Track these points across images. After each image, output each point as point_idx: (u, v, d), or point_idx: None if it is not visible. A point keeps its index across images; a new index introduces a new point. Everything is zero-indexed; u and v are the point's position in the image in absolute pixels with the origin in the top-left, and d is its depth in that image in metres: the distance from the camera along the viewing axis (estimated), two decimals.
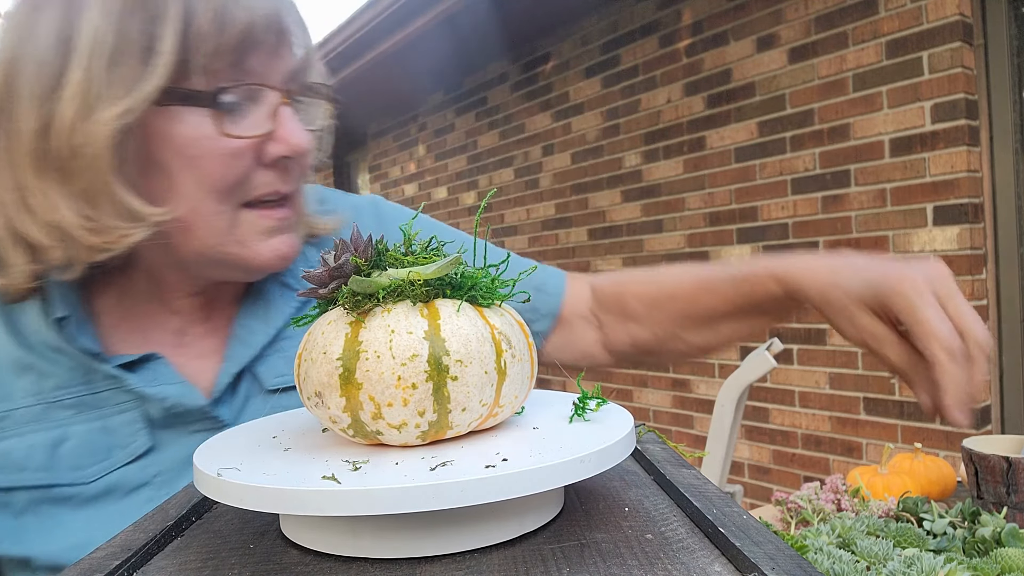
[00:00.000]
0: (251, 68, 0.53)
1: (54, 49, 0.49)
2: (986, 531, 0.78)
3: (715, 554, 0.32)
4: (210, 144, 0.52)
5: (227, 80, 0.52)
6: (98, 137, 0.49)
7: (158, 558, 0.35)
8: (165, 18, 0.49)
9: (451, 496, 0.29)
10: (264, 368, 0.63)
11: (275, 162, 0.56)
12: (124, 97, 0.49)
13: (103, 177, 0.50)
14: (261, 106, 0.54)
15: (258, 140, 0.54)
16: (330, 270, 0.38)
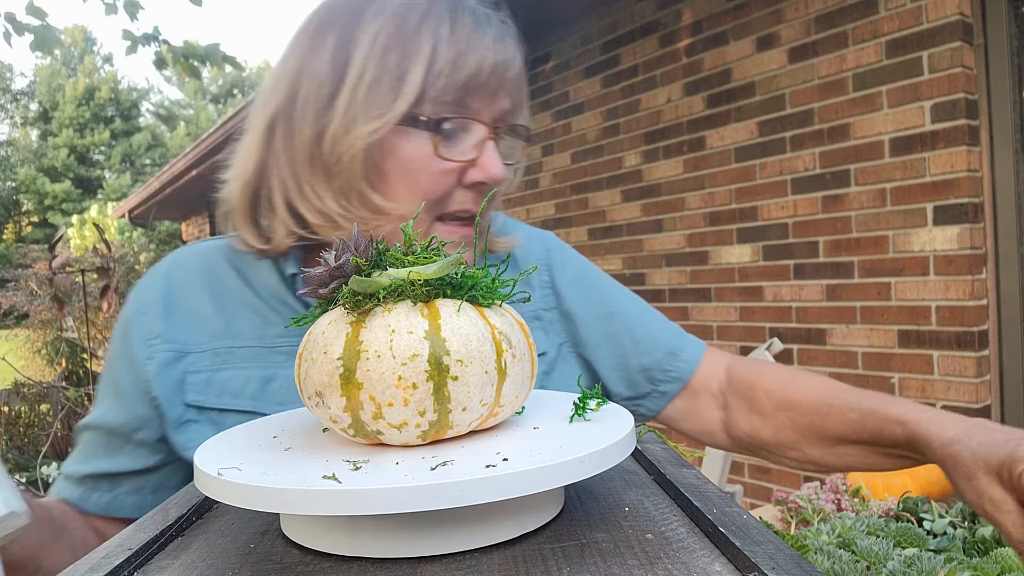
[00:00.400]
0: (470, 104, 0.63)
1: (331, 73, 0.61)
2: (986, 531, 0.78)
3: (715, 554, 0.32)
4: (426, 162, 0.62)
5: (449, 112, 0.62)
6: (354, 148, 0.60)
7: (159, 558, 0.35)
8: (416, 57, 0.60)
9: (451, 496, 0.29)
10: None
11: (473, 185, 0.65)
12: (377, 119, 0.60)
13: (355, 179, 0.62)
14: (471, 137, 0.64)
15: (464, 165, 0.64)
16: (331, 270, 0.38)
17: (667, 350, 0.79)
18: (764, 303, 2.75)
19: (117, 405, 0.68)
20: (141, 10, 3.23)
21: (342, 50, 0.61)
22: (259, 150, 0.66)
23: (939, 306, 2.25)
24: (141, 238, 11.42)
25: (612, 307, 0.80)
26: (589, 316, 0.79)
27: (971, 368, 2.18)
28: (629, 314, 0.80)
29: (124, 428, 0.67)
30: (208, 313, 0.68)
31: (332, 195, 0.63)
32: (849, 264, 2.47)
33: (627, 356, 0.78)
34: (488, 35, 0.63)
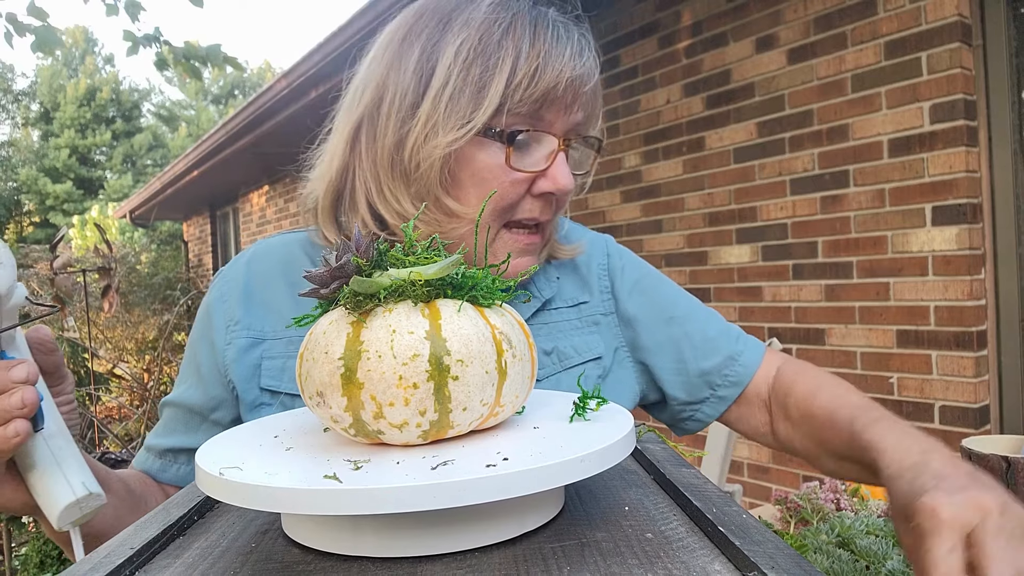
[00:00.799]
0: (544, 116, 0.64)
1: (415, 82, 0.63)
2: None
3: (715, 553, 0.32)
4: (498, 172, 0.64)
5: (524, 124, 0.64)
6: (432, 157, 0.62)
7: (160, 557, 0.35)
8: (498, 70, 0.62)
9: (452, 495, 0.29)
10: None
11: (542, 195, 0.67)
12: (457, 128, 0.62)
13: (431, 185, 0.64)
14: (543, 148, 0.66)
15: (534, 175, 0.65)
16: (332, 270, 0.38)
17: (727, 354, 0.79)
18: (763, 303, 2.75)
19: (197, 385, 0.72)
20: (142, 11, 3.23)
21: (427, 60, 0.63)
22: (344, 152, 0.68)
23: (938, 306, 2.25)
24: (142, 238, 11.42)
25: (672, 311, 0.80)
26: (649, 320, 0.80)
27: (970, 368, 2.18)
28: (689, 318, 0.80)
29: (203, 407, 0.71)
30: (284, 303, 0.71)
31: (410, 199, 0.65)
32: (848, 264, 2.47)
33: (687, 360, 0.78)
34: (567, 49, 0.64)
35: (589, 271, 0.81)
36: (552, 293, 0.77)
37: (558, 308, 0.78)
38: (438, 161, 0.63)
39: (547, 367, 0.74)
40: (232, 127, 5.54)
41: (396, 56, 0.65)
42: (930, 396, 2.28)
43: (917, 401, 2.32)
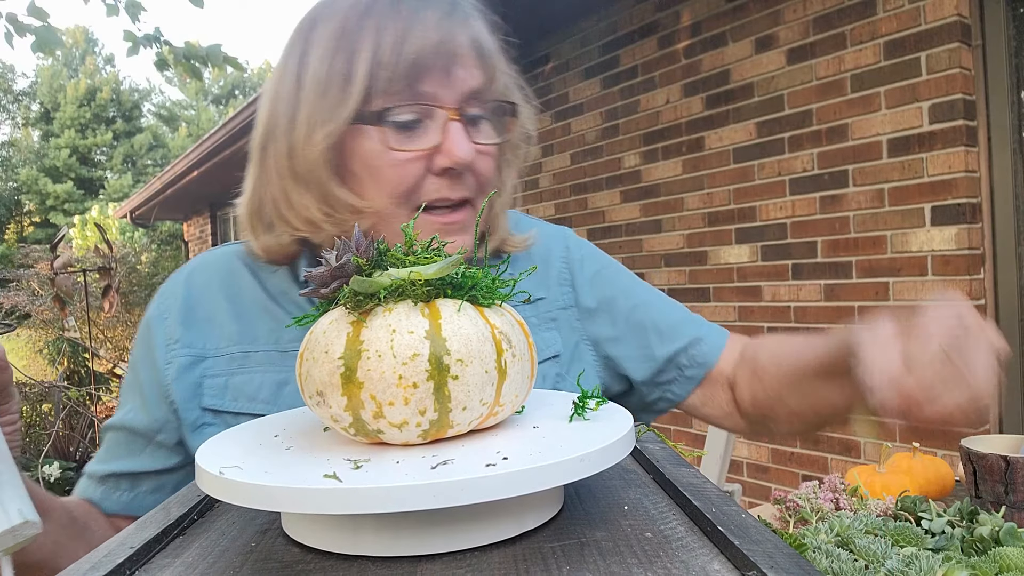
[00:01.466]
0: (423, 89, 0.61)
1: (294, 87, 0.63)
2: (984, 530, 0.78)
3: (714, 552, 0.32)
4: (384, 156, 0.62)
5: (403, 101, 0.61)
6: (316, 154, 0.61)
7: (160, 556, 0.35)
8: (360, 55, 0.60)
9: (451, 495, 0.29)
10: None
11: (443, 172, 0.63)
12: (329, 121, 0.61)
13: (326, 183, 0.62)
14: (435, 122, 0.62)
15: (426, 152, 0.62)
16: (332, 270, 0.38)
17: (692, 337, 0.79)
18: (763, 303, 2.76)
19: (140, 407, 0.69)
20: (143, 11, 3.23)
21: (301, 63, 0.63)
22: (255, 170, 0.68)
23: None
24: (142, 238, 11.41)
25: (634, 300, 0.80)
26: (612, 310, 0.79)
27: None
28: (652, 306, 0.80)
29: (146, 429, 0.69)
30: (225, 318, 0.70)
31: (315, 203, 0.64)
32: (847, 264, 2.47)
33: (653, 346, 0.78)
34: (431, 15, 0.61)
35: (548, 265, 0.80)
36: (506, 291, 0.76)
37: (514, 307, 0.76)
38: (321, 157, 0.61)
39: None
40: (232, 127, 5.54)
41: (281, 66, 0.66)
42: None
43: None
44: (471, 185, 0.66)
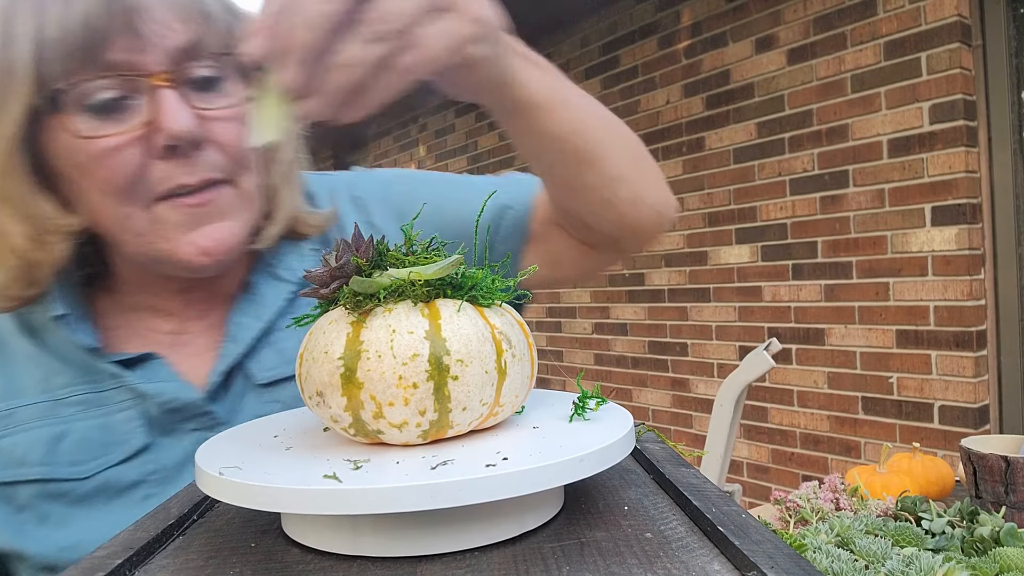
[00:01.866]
0: (112, 59, 0.50)
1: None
2: (984, 530, 0.78)
3: (714, 553, 0.32)
4: (82, 148, 0.51)
5: (81, 79, 0.50)
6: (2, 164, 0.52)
7: (159, 556, 0.35)
8: (20, 41, 0.50)
9: (452, 495, 0.29)
10: (255, 363, 0.63)
11: (166, 153, 0.52)
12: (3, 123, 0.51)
13: (29, 196, 0.53)
14: (144, 94, 0.52)
15: (138, 133, 0.52)
16: (331, 270, 0.38)
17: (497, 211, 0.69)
18: (763, 303, 2.76)
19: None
20: None
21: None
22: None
23: (937, 306, 2.25)
24: None
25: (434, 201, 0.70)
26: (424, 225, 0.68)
27: (969, 368, 2.19)
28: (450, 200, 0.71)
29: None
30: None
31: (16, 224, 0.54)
32: (848, 264, 2.47)
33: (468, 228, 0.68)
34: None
35: (342, 219, 0.70)
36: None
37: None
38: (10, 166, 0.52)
39: None
40: None
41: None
42: (930, 396, 2.29)
43: (917, 401, 2.32)
44: (217, 162, 0.55)
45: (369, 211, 0.71)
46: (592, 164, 0.59)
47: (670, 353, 3.15)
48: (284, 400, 0.64)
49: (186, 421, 0.60)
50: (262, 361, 0.63)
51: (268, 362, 0.63)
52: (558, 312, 3.76)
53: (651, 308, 3.22)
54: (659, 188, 0.67)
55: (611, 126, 0.62)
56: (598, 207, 0.63)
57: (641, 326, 3.28)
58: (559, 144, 0.56)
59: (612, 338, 3.44)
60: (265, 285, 0.65)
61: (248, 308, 0.64)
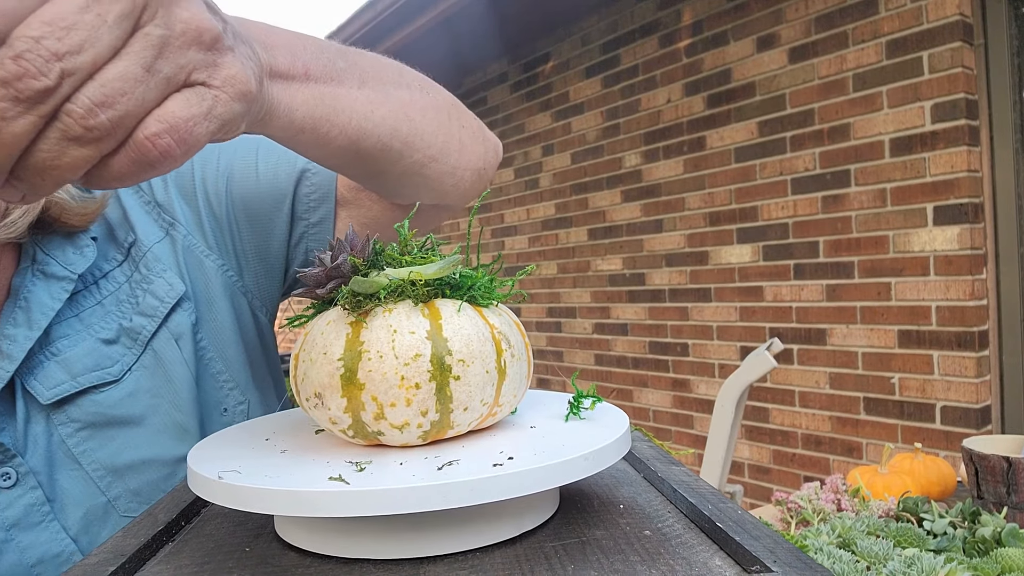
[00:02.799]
0: None
1: None
2: (986, 531, 0.78)
3: (714, 548, 0.32)
4: None
5: None
6: None
7: (151, 563, 0.34)
8: None
9: (461, 495, 0.29)
10: (37, 380, 0.54)
11: None
12: None
13: None
14: None
15: None
16: (328, 270, 0.38)
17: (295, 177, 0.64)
18: (764, 303, 2.75)
19: None
20: None
21: None
22: None
23: (939, 306, 2.25)
24: None
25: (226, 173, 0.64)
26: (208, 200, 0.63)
27: (971, 368, 2.18)
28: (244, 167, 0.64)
29: None
30: None
31: None
32: (849, 264, 2.47)
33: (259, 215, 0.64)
34: None
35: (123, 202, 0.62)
36: (88, 262, 0.57)
37: (107, 273, 0.59)
38: None
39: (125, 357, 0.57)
40: None
41: None
42: (932, 396, 2.28)
43: (919, 401, 2.31)
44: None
45: (152, 190, 0.63)
46: (391, 157, 0.54)
47: (671, 353, 3.15)
48: (80, 419, 0.55)
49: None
50: (44, 377, 0.54)
51: (52, 378, 0.55)
52: (558, 312, 3.76)
53: (652, 308, 3.22)
54: (477, 145, 0.62)
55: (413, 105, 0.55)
56: (410, 189, 0.59)
57: (642, 326, 3.28)
58: (347, 152, 0.51)
59: (612, 338, 3.44)
60: (35, 287, 0.55)
61: (18, 317, 0.54)
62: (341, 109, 0.48)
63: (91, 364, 0.56)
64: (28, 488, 0.54)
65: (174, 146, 0.30)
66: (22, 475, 0.53)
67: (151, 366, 0.58)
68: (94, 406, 0.56)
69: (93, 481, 0.56)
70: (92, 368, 0.56)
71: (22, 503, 0.53)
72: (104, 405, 0.56)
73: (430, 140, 0.56)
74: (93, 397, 0.56)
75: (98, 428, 0.56)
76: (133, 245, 0.61)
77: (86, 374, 0.56)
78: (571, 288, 3.66)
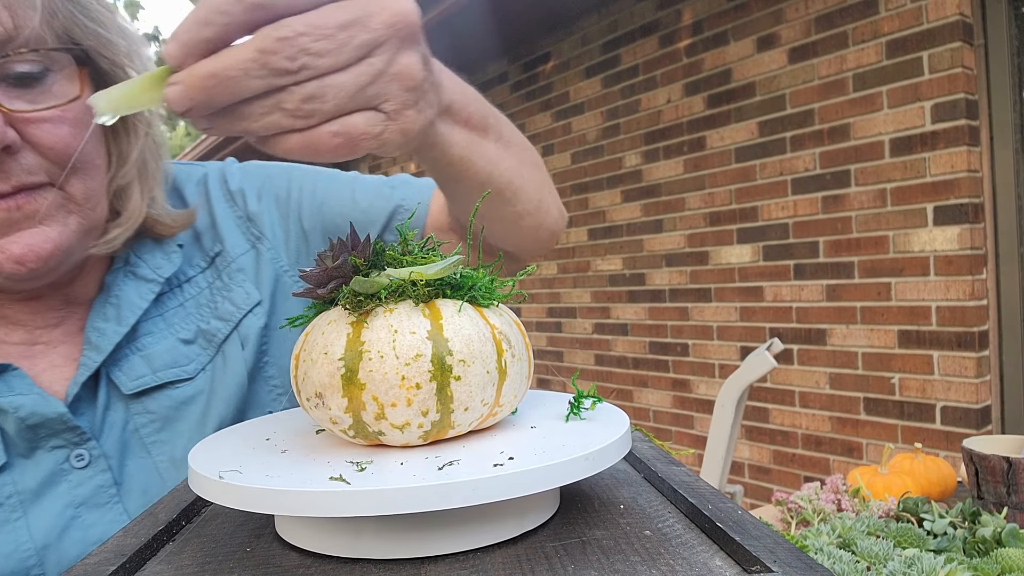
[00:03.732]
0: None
1: None
2: (986, 531, 0.78)
3: (714, 549, 0.32)
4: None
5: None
6: None
7: (152, 563, 0.34)
8: None
9: (463, 495, 0.29)
10: (121, 372, 0.59)
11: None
12: None
13: None
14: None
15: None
16: (329, 270, 0.38)
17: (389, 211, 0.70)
18: (764, 303, 2.75)
19: None
20: (141, 10, 3.23)
21: None
22: None
23: (939, 306, 2.25)
24: None
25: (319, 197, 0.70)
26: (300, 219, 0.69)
27: (971, 368, 2.18)
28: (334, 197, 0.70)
29: None
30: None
31: None
32: (849, 264, 2.47)
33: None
34: None
35: (214, 212, 0.68)
36: (174, 267, 0.64)
37: (191, 278, 0.65)
38: None
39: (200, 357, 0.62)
40: None
41: None
42: (932, 397, 2.28)
43: (919, 402, 2.31)
44: (35, 166, 0.51)
45: (246, 204, 0.69)
46: (503, 203, 0.61)
47: (671, 354, 3.15)
48: (156, 411, 0.60)
49: (48, 438, 0.56)
50: (128, 369, 0.60)
51: (135, 370, 0.60)
52: (558, 312, 3.76)
53: (652, 308, 3.22)
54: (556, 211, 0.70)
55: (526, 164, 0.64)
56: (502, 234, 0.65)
57: (642, 326, 3.28)
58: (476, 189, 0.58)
59: (613, 338, 3.44)
60: (125, 286, 0.61)
61: (108, 312, 0.60)
62: (481, 155, 0.56)
63: (170, 361, 0.62)
64: (99, 471, 0.58)
65: (342, 146, 0.36)
66: (94, 458, 0.58)
67: (220, 367, 0.63)
68: (169, 400, 0.61)
69: (158, 470, 0.60)
70: (171, 365, 0.61)
71: (92, 483, 0.58)
72: (177, 400, 0.61)
73: (531, 196, 0.64)
74: (169, 392, 0.61)
75: (169, 421, 0.61)
76: (219, 255, 0.67)
77: (165, 370, 0.61)
78: (571, 288, 3.67)
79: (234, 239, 0.67)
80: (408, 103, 0.38)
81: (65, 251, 0.55)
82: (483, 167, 0.56)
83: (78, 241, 0.56)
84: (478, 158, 0.56)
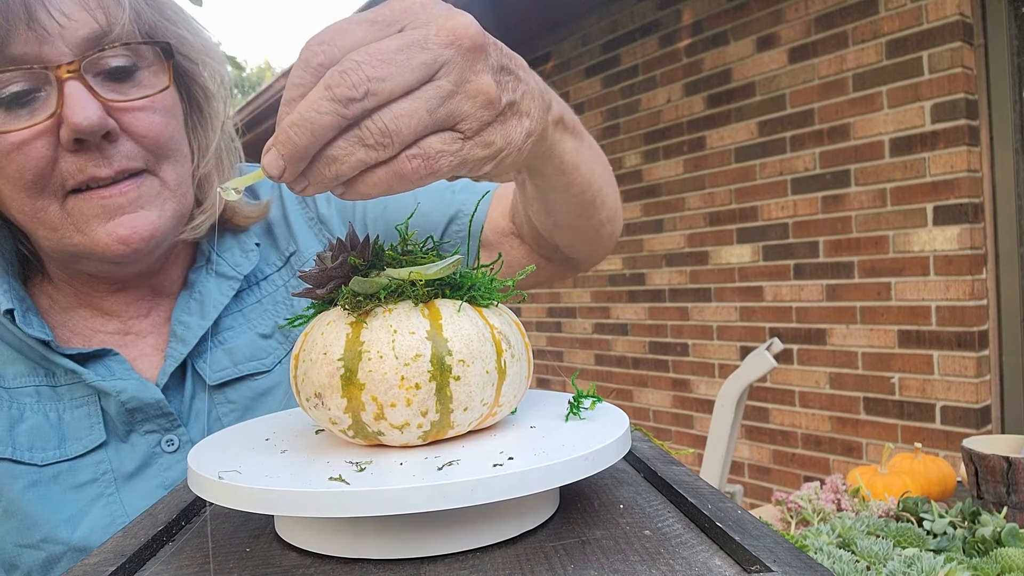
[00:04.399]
0: (15, 52, 0.50)
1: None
2: (986, 531, 0.78)
3: (714, 548, 0.32)
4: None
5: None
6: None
7: (152, 563, 0.34)
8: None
9: (462, 495, 0.29)
10: (206, 363, 0.63)
11: (76, 146, 0.52)
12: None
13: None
14: (51, 90, 0.51)
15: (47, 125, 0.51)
16: (328, 270, 0.38)
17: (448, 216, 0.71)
18: (764, 303, 2.75)
19: None
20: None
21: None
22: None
23: (939, 306, 2.25)
24: None
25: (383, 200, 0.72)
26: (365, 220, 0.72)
27: (971, 368, 2.18)
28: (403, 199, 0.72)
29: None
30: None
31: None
32: (849, 264, 2.47)
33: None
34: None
35: (288, 213, 0.71)
36: (252, 265, 0.67)
37: (268, 276, 0.69)
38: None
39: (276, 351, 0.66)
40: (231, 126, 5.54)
41: None
42: (932, 396, 2.28)
43: (919, 401, 2.31)
44: (133, 152, 0.55)
45: (317, 207, 0.72)
46: (591, 210, 0.62)
47: (671, 353, 3.15)
48: (237, 401, 0.64)
49: (143, 423, 0.60)
50: (213, 361, 0.63)
51: (218, 363, 0.64)
52: (558, 312, 3.76)
53: (652, 308, 3.22)
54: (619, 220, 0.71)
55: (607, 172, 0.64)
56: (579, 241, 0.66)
57: (642, 326, 3.28)
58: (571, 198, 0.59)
59: (613, 338, 3.44)
60: (208, 283, 0.65)
61: (192, 307, 0.64)
62: (582, 161, 0.56)
63: (249, 354, 0.65)
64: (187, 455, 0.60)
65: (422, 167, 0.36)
66: (183, 443, 0.62)
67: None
68: (248, 391, 0.65)
69: None
70: (250, 358, 0.65)
71: (181, 467, 0.61)
72: (256, 391, 0.65)
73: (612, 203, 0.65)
74: (248, 383, 0.65)
75: (249, 411, 0.64)
76: (294, 255, 0.70)
77: (245, 363, 0.65)
78: (571, 288, 3.66)
79: (307, 240, 0.71)
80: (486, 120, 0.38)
81: (163, 234, 0.58)
82: (585, 172, 0.57)
83: (172, 226, 0.59)
84: (582, 163, 0.56)
